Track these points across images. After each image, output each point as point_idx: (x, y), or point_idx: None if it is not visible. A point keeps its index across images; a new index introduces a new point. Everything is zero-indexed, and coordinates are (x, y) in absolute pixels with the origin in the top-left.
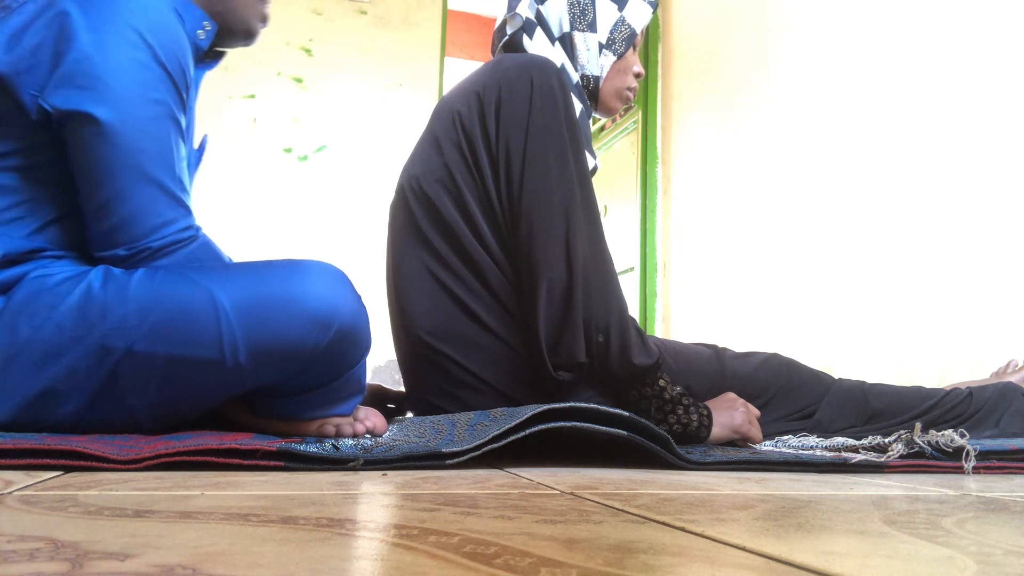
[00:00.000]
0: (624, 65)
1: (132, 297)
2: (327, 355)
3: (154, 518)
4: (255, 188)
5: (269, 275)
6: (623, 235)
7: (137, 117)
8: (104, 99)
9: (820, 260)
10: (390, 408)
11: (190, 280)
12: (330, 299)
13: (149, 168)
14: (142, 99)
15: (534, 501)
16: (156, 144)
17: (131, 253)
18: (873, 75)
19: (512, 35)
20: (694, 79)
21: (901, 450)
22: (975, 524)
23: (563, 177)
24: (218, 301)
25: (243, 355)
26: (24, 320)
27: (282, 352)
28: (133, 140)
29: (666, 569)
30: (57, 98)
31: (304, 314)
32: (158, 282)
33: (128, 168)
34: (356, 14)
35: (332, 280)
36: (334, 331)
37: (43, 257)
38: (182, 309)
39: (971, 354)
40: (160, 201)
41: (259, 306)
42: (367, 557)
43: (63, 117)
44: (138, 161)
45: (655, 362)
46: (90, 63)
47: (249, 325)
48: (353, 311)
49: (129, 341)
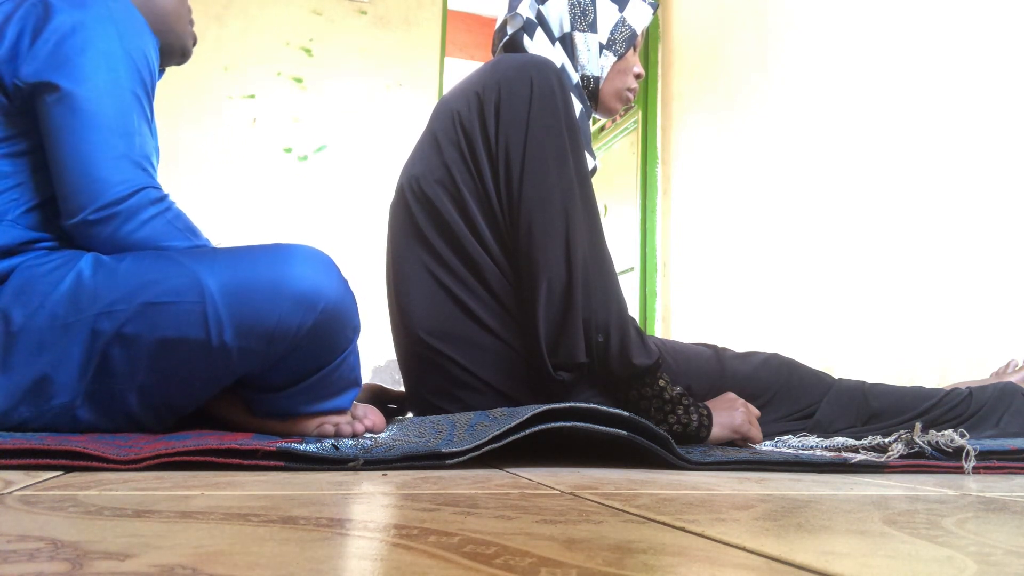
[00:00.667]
0: (624, 66)
1: (121, 281)
2: (314, 336)
3: (154, 518)
4: (255, 188)
5: (255, 257)
6: (623, 235)
7: (100, 90)
8: (69, 72)
9: (820, 260)
10: (391, 408)
11: (176, 263)
12: (315, 280)
13: (111, 135)
14: (106, 75)
15: (534, 501)
16: (118, 115)
17: (99, 217)
18: (873, 75)
19: (512, 35)
20: (694, 79)
21: (901, 450)
22: (975, 524)
23: (563, 177)
24: (203, 282)
25: (228, 335)
26: (18, 309)
27: (268, 332)
28: (96, 108)
29: (666, 569)
30: (26, 71)
31: (289, 294)
32: (146, 266)
33: (90, 132)
34: (356, 14)
35: (317, 262)
36: (319, 311)
37: (37, 248)
38: (168, 290)
39: (971, 354)
40: (124, 165)
41: (244, 287)
42: (367, 557)
43: (32, 90)
44: (99, 128)
45: (655, 362)
46: (60, 43)
47: (234, 305)
48: (338, 292)
49: (118, 323)
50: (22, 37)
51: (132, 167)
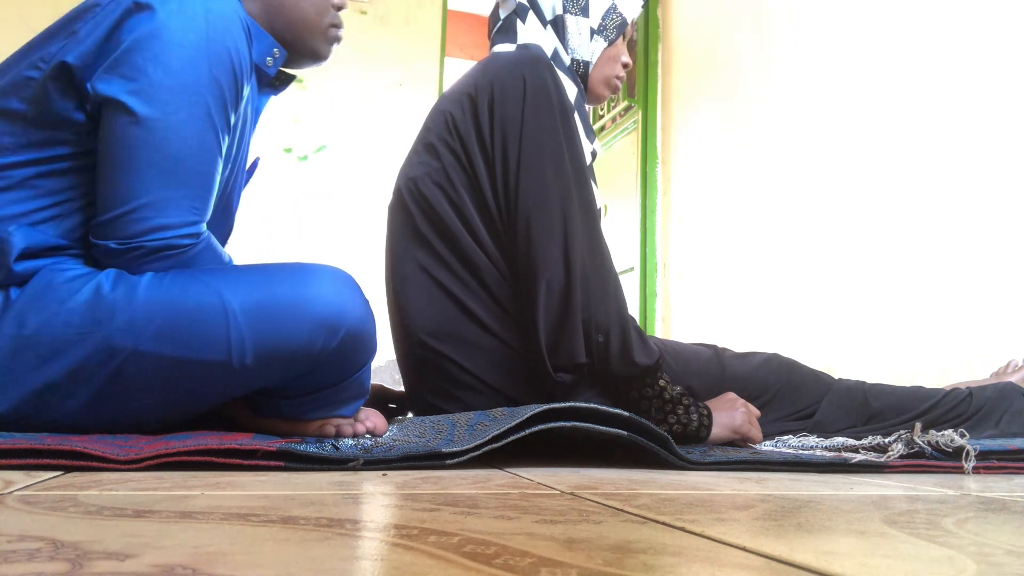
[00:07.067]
0: (614, 53)
1: (141, 298)
2: (334, 358)
3: (154, 518)
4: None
5: (278, 278)
6: (623, 235)
7: (173, 115)
8: (143, 91)
9: (820, 260)
10: (391, 408)
11: (200, 282)
12: (338, 303)
13: (171, 170)
14: (183, 98)
15: (534, 501)
16: (186, 146)
17: (123, 248)
18: (873, 75)
19: (506, 19)
20: (694, 79)
21: (901, 450)
22: (975, 524)
23: (559, 177)
24: (227, 303)
25: (250, 357)
26: (33, 313)
27: (289, 355)
28: (163, 138)
29: (666, 569)
30: (101, 83)
31: (312, 317)
32: (167, 284)
33: (149, 165)
34: (356, 14)
35: (340, 284)
36: (341, 335)
37: (63, 254)
38: (190, 310)
39: (971, 354)
40: (172, 204)
41: (268, 309)
42: (367, 557)
43: (102, 102)
44: (162, 161)
45: (655, 362)
46: (140, 53)
47: (257, 327)
48: (360, 315)
49: (136, 341)
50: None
51: (182, 209)
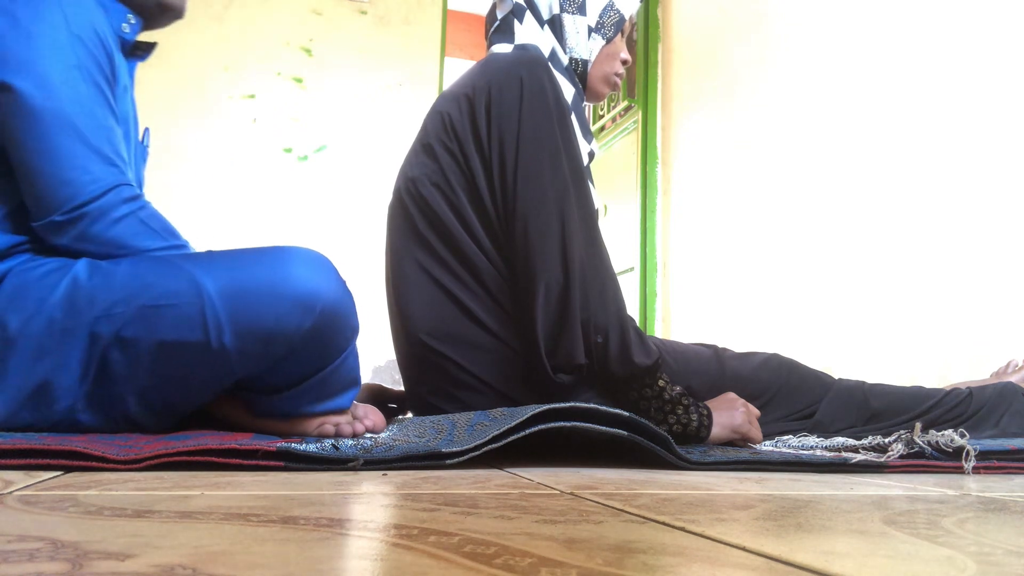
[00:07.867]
0: (612, 50)
1: (118, 284)
2: (313, 338)
3: (154, 518)
4: (255, 188)
5: (253, 259)
6: (623, 235)
7: (55, 83)
8: (20, 69)
9: (820, 260)
10: (391, 408)
11: (174, 266)
12: (313, 282)
13: (72, 129)
14: (60, 66)
15: (534, 501)
16: (78, 107)
17: (68, 218)
18: (874, 76)
19: (503, 19)
20: (694, 79)
21: (901, 450)
22: (975, 524)
23: (557, 178)
24: (201, 284)
25: (228, 336)
26: (13, 315)
27: (267, 333)
28: (54, 105)
29: (666, 569)
30: None
31: (287, 296)
32: (143, 269)
33: (50, 130)
34: (356, 14)
35: (315, 264)
36: (317, 313)
37: (25, 251)
38: (166, 293)
39: (971, 354)
40: (89, 160)
41: (242, 288)
42: (367, 557)
43: None
44: (60, 123)
45: (655, 362)
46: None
47: (233, 307)
48: (336, 294)
49: (117, 327)
50: None
51: (101, 164)
